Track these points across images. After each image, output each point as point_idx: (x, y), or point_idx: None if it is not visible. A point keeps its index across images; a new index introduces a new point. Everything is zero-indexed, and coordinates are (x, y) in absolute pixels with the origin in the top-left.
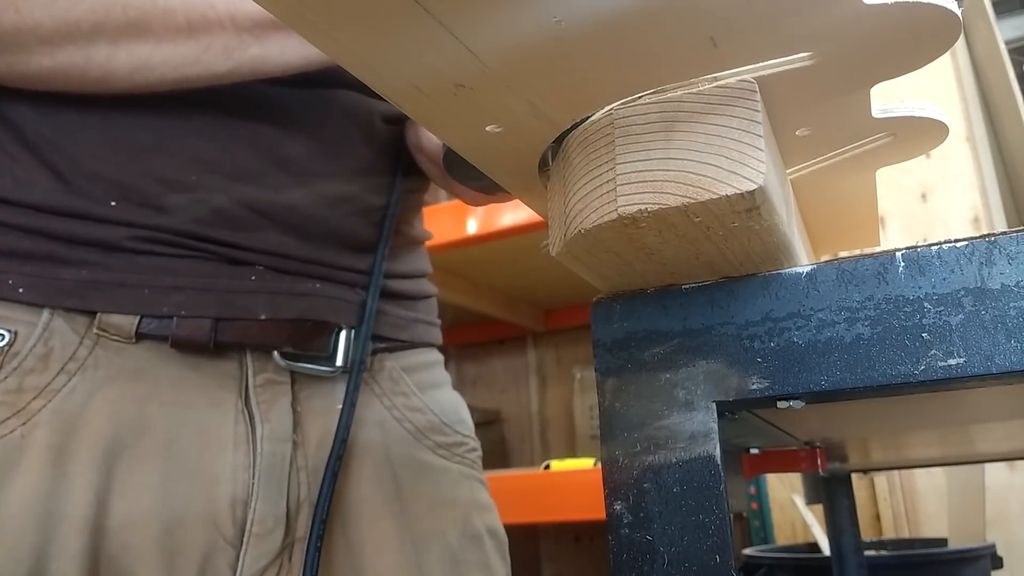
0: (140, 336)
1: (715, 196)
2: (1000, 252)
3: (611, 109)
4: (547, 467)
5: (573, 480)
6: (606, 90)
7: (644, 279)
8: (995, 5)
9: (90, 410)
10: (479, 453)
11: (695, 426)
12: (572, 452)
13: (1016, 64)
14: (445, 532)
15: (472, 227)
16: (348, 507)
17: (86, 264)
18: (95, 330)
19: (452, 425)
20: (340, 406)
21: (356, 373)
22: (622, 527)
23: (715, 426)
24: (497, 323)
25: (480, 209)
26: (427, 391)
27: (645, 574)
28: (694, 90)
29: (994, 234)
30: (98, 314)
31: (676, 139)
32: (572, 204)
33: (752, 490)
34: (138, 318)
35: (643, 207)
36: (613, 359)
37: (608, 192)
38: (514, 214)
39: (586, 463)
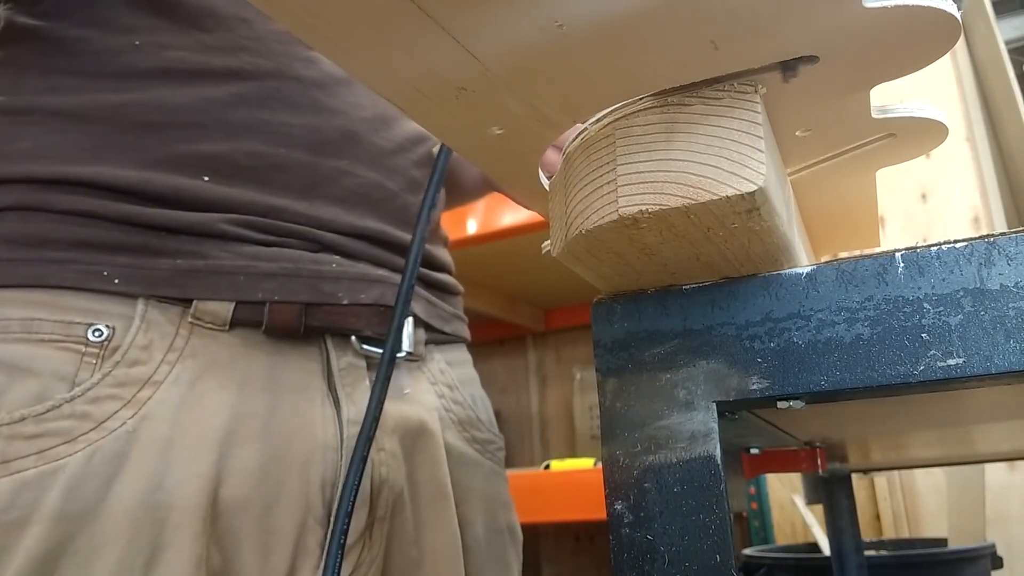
0: (234, 323)
1: (715, 197)
2: (999, 253)
3: (613, 111)
4: (547, 467)
5: (573, 480)
6: (608, 92)
7: (645, 279)
8: (995, 5)
9: (192, 399)
10: (504, 452)
11: (695, 426)
12: (572, 452)
13: (1016, 64)
14: (474, 523)
15: (472, 227)
16: (417, 486)
17: (181, 253)
18: (190, 319)
19: (485, 423)
20: (407, 391)
21: (391, 347)
22: (623, 527)
23: (715, 426)
24: (497, 323)
25: (480, 209)
26: (465, 387)
27: (646, 573)
28: (695, 92)
29: (993, 235)
30: (194, 302)
31: (677, 141)
32: (573, 205)
33: (752, 490)
34: (234, 304)
35: (644, 208)
36: (614, 359)
37: (609, 193)
38: (514, 214)
39: (586, 463)
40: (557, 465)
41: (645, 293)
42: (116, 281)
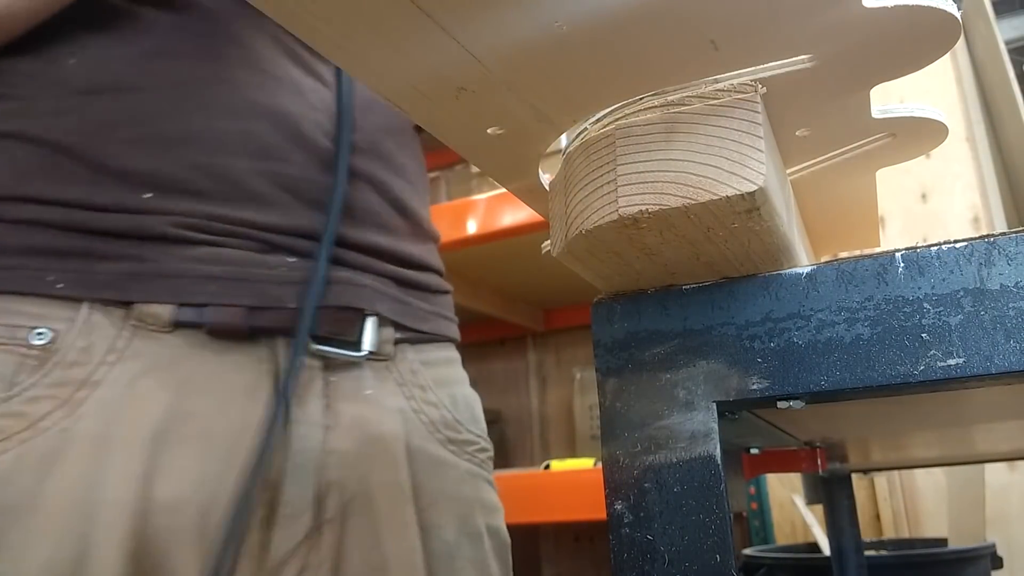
0: (177, 325)
1: (715, 197)
2: (999, 253)
3: (613, 111)
4: (547, 467)
5: (573, 480)
6: (608, 92)
7: (645, 279)
8: (995, 5)
9: (130, 399)
10: (490, 454)
11: (695, 426)
12: (572, 452)
13: (1016, 64)
14: (443, 527)
15: (472, 227)
16: (373, 490)
17: (124, 258)
18: (132, 321)
19: (465, 423)
20: (369, 392)
21: (298, 349)
22: (623, 527)
23: (715, 426)
24: (497, 323)
25: (480, 209)
26: (444, 387)
27: (646, 573)
28: (695, 92)
29: (993, 235)
30: (136, 304)
31: (677, 141)
32: (573, 205)
33: (752, 490)
34: (175, 306)
35: (644, 208)
36: (614, 359)
37: (609, 193)
38: (514, 214)
39: (586, 463)
40: (557, 465)
41: (645, 293)
42: (60, 286)
